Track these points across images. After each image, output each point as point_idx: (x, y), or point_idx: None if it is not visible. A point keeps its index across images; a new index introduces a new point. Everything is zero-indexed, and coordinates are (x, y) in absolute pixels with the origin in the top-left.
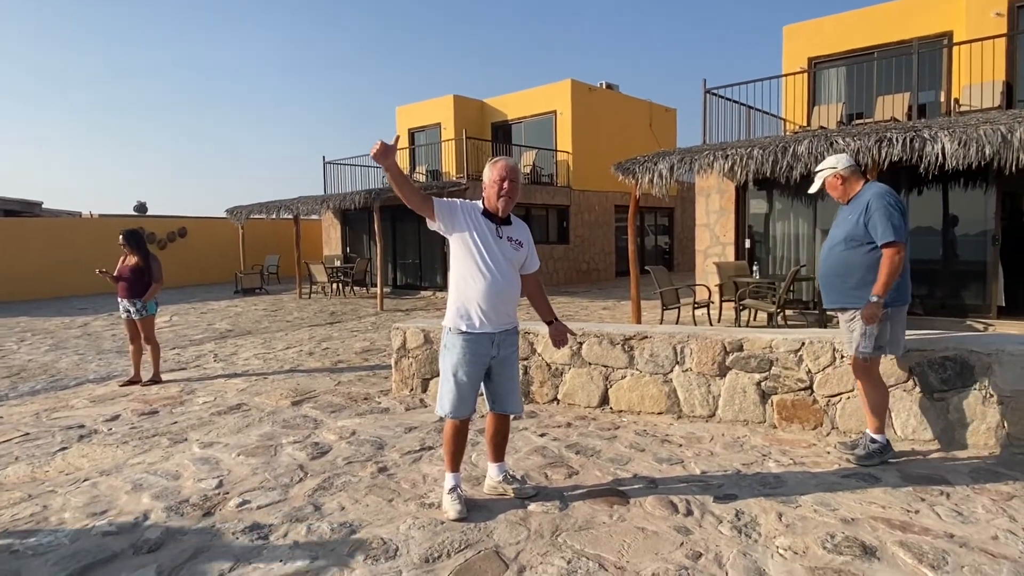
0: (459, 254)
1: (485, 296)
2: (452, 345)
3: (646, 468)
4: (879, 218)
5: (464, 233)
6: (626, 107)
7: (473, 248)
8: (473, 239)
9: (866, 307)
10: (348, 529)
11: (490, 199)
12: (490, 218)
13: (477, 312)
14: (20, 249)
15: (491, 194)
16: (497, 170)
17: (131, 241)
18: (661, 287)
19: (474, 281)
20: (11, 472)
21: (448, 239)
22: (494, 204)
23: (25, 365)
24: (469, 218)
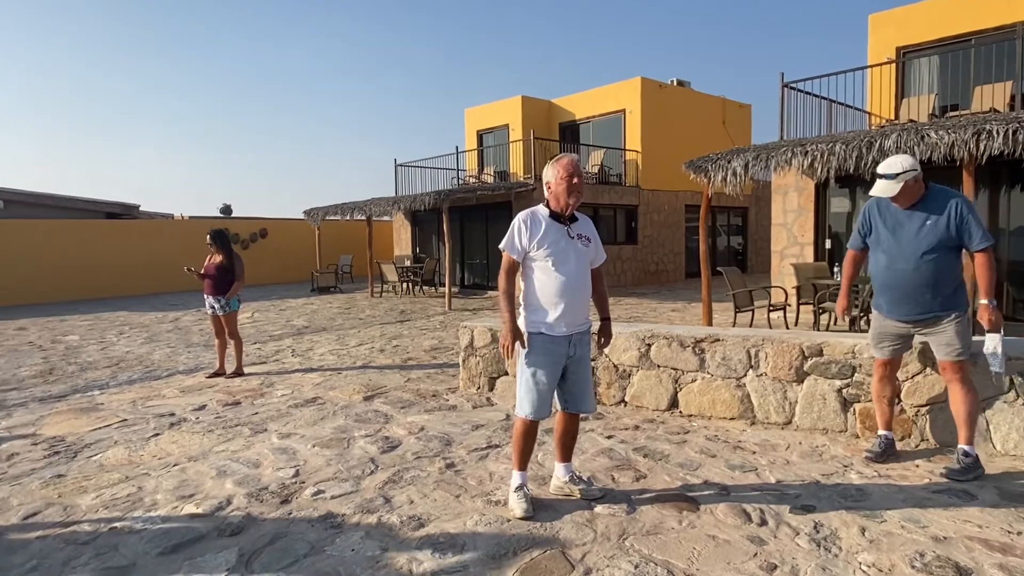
0: (534, 259)
1: (562, 298)
2: (533, 347)
3: (717, 475)
4: (973, 223)
5: (538, 251)
6: (698, 104)
7: (547, 254)
8: (545, 248)
9: (989, 313)
10: (417, 522)
11: (557, 197)
12: (558, 218)
13: (555, 314)
14: (120, 249)
15: (558, 192)
16: (563, 167)
17: (217, 241)
18: (734, 289)
19: (551, 283)
20: (111, 455)
21: None
22: (563, 202)
23: (124, 356)
24: (535, 232)
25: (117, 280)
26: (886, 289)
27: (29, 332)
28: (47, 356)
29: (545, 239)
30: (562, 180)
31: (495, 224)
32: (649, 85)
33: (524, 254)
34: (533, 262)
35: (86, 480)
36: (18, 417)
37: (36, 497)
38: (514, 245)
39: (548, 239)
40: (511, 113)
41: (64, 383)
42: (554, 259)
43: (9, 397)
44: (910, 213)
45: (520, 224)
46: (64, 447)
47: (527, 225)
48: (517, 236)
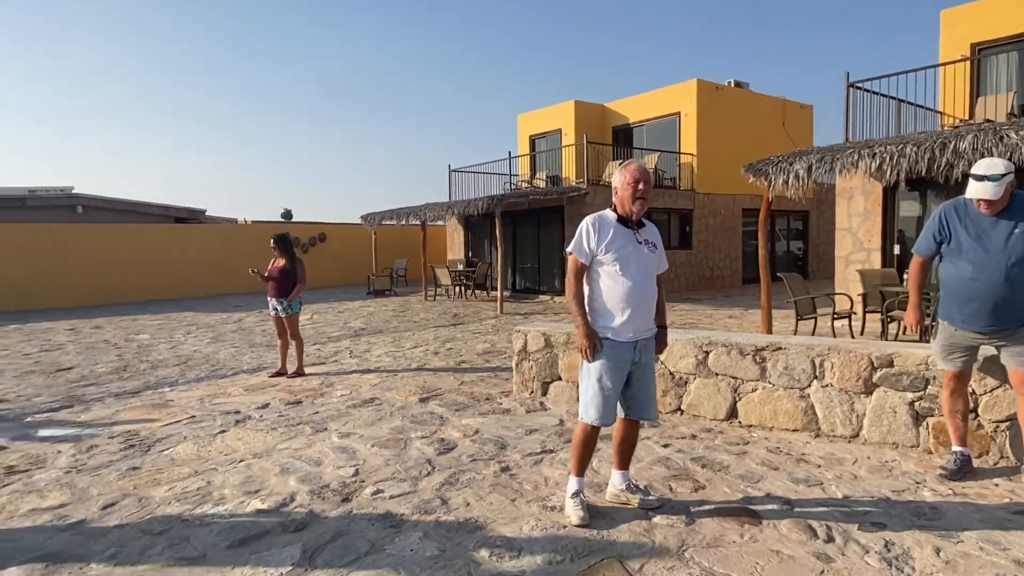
0: (601, 263)
1: (628, 303)
2: (598, 353)
3: (780, 488)
4: None
5: (605, 255)
6: (756, 105)
7: (614, 259)
8: (613, 252)
9: None
10: (473, 524)
11: (623, 203)
12: (625, 224)
13: (621, 319)
14: (187, 252)
15: (625, 197)
16: (630, 173)
17: (280, 245)
18: (795, 296)
19: (617, 288)
20: (181, 450)
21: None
22: (628, 208)
23: (191, 355)
24: (603, 236)
25: (184, 282)
26: (967, 300)
27: (104, 330)
28: (121, 354)
29: (613, 243)
30: (628, 186)
31: (547, 228)
32: (705, 87)
33: (592, 257)
34: (600, 266)
35: (159, 473)
36: (96, 411)
37: (114, 488)
38: (582, 248)
39: (616, 243)
40: (564, 118)
41: (137, 380)
42: (621, 264)
43: (88, 392)
44: (995, 220)
45: (588, 227)
46: (138, 441)
47: (595, 228)
48: (586, 239)
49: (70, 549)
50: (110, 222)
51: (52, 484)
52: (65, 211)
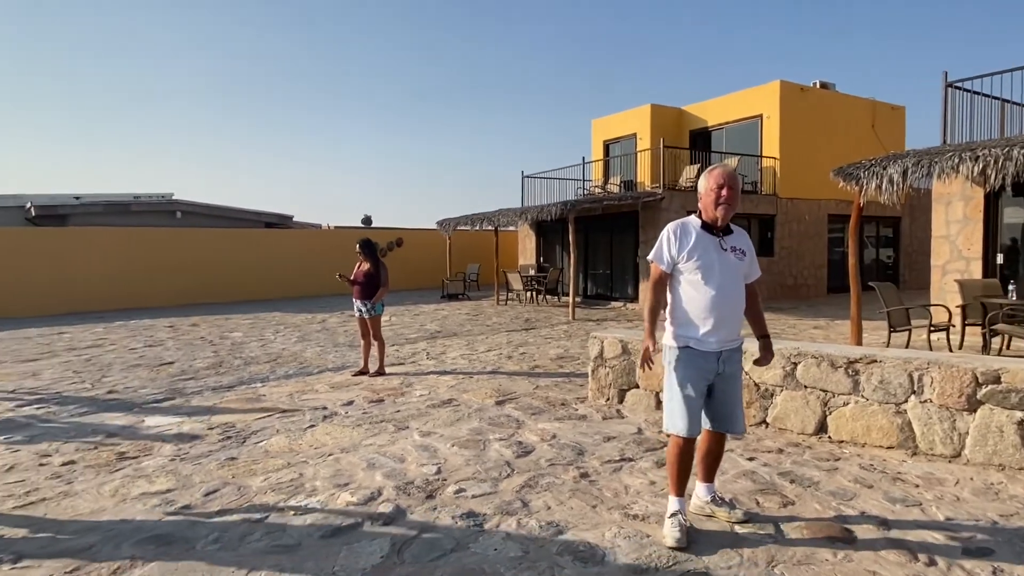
0: (683, 271)
1: (712, 312)
2: (679, 361)
3: (875, 507)
4: None
5: (687, 263)
6: (844, 107)
7: (696, 266)
8: (695, 260)
9: None
10: (555, 528)
11: (707, 209)
12: (710, 230)
13: (705, 328)
14: (276, 256)
15: (708, 203)
16: (714, 178)
17: (365, 250)
18: (888, 306)
19: (700, 297)
20: (274, 442)
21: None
22: (712, 214)
23: (280, 353)
24: (684, 243)
25: (272, 283)
26: None
27: (201, 328)
28: (217, 350)
29: (695, 250)
30: (711, 191)
31: (620, 234)
32: (789, 88)
33: (673, 265)
34: (681, 274)
35: (255, 464)
36: (195, 404)
37: (214, 476)
38: (663, 256)
39: (698, 250)
40: (639, 122)
41: (231, 375)
42: (703, 271)
43: (188, 385)
44: None
45: (669, 234)
46: (234, 432)
47: (676, 236)
48: (667, 247)
49: (178, 531)
50: (206, 226)
51: (159, 471)
52: (165, 216)
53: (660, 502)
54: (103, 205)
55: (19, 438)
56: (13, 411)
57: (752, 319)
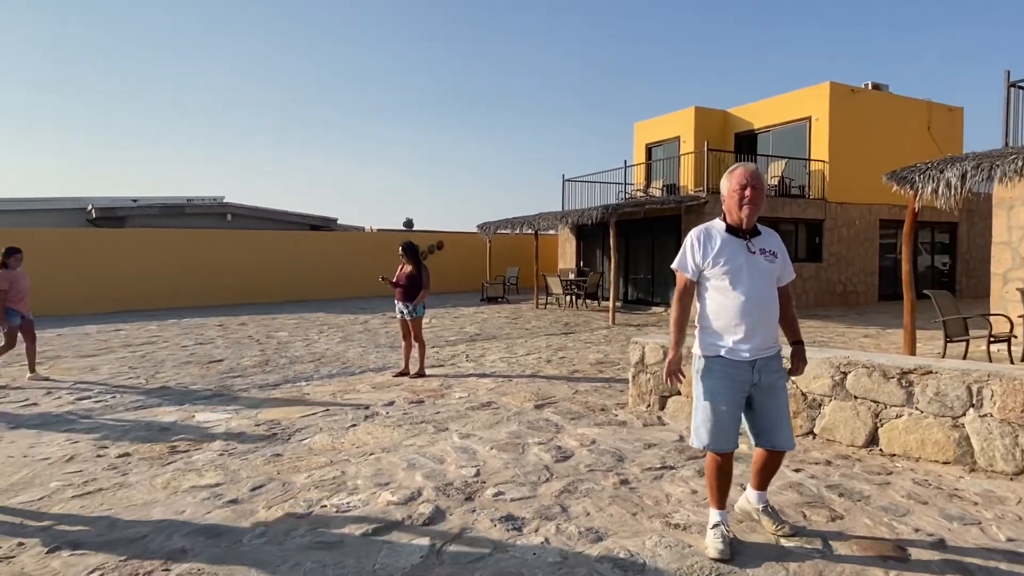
0: (709, 278)
1: (743, 319)
2: (707, 372)
3: (930, 524)
4: None
5: (713, 269)
6: (897, 108)
7: (723, 272)
8: (721, 265)
9: None
10: (594, 535)
11: (731, 211)
12: (736, 233)
13: (735, 336)
14: (320, 257)
15: (731, 205)
16: (736, 178)
17: (408, 252)
18: (945, 315)
19: (729, 303)
20: (317, 440)
21: None
22: (737, 216)
23: (324, 353)
24: (709, 248)
25: (317, 284)
26: None
27: (248, 327)
28: (263, 349)
29: (721, 255)
30: (734, 192)
31: (661, 239)
32: (839, 90)
33: (699, 273)
34: (708, 281)
35: (299, 461)
36: (243, 401)
37: (260, 472)
38: (687, 264)
39: (724, 255)
40: (683, 125)
41: (277, 373)
42: (731, 277)
43: (235, 383)
44: None
45: (693, 241)
46: (280, 430)
47: (700, 241)
48: (690, 254)
49: (225, 524)
50: (254, 229)
51: (208, 465)
52: (217, 218)
53: (702, 512)
54: (159, 207)
55: (78, 430)
56: (73, 404)
57: (785, 324)
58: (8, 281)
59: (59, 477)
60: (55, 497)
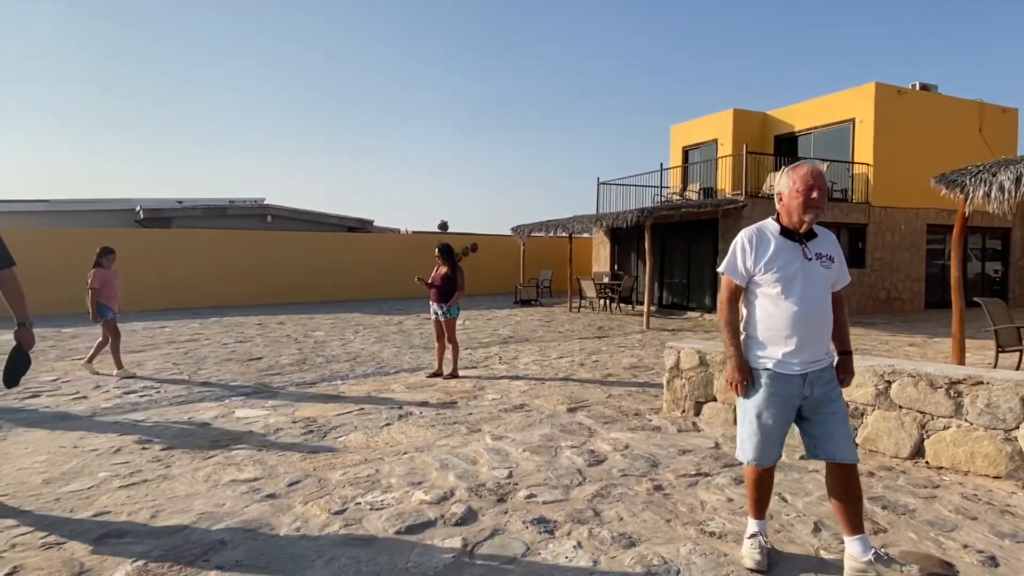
0: (760, 284)
1: (795, 330)
2: (757, 385)
3: (980, 540)
4: None
5: (765, 275)
6: (946, 109)
7: (776, 278)
8: (774, 271)
9: None
10: (627, 540)
11: (790, 212)
12: (791, 236)
13: (786, 348)
14: (356, 258)
15: (793, 206)
16: (802, 177)
17: (444, 254)
18: (996, 324)
19: (780, 313)
20: (352, 438)
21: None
22: (797, 218)
23: (359, 352)
24: (762, 252)
25: (353, 285)
26: None
27: (286, 326)
28: (301, 348)
29: (774, 260)
30: (798, 193)
31: (698, 242)
32: (885, 91)
33: (748, 278)
34: (758, 287)
35: (334, 458)
36: (281, 398)
37: (296, 468)
38: (736, 268)
39: (778, 260)
40: (721, 127)
41: (314, 372)
42: (784, 284)
43: (274, 380)
44: None
45: (744, 243)
46: (316, 427)
47: (752, 244)
48: (740, 257)
49: (263, 518)
50: (293, 230)
51: (247, 459)
52: (257, 219)
53: (738, 520)
54: (203, 209)
55: (125, 423)
56: (120, 397)
57: (836, 332)
58: (101, 280)
59: (107, 468)
60: (103, 487)
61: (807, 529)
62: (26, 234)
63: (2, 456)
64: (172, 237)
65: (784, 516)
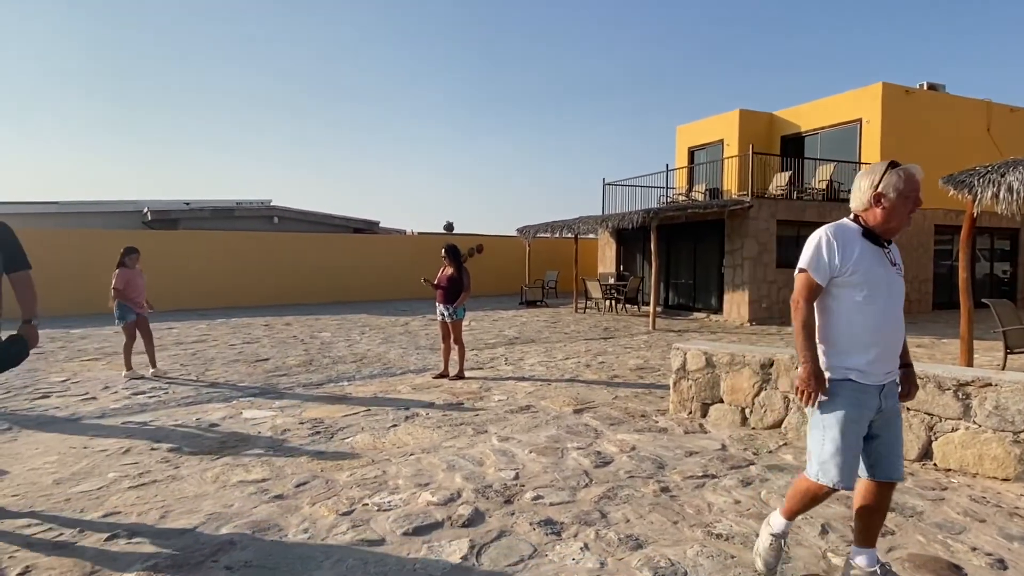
0: (842, 287)
1: (877, 339)
2: (835, 397)
3: (988, 543)
4: None
5: (850, 277)
6: (954, 110)
7: (862, 282)
8: (860, 275)
9: None
10: (635, 542)
11: (891, 216)
12: (875, 240)
13: (868, 358)
14: (362, 259)
15: (898, 210)
16: (913, 184)
17: (451, 255)
18: (1005, 325)
19: (863, 320)
20: (359, 440)
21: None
22: (896, 224)
23: (365, 353)
24: (848, 253)
25: (359, 286)
26: None
27: (293, 327)
28: (307, 349)
29: (860, 263)
30: (906, 199)
31: (703, 243)
32: (892, 91)
33: (830, 278)
34: (840, 290)
35: (341, 459)
36: (288, 399)
37: (304, 469)
38: (821, 265)
39: (863, 263)
40: (727, 128)
41: (320, 373)
42: (870, 289)
43: (281, 381)
44: None
45: (830, 239)
46: (323, 428)
47: (838, 242)
48: (826, 254)
49: (271, 519)
50: (300, 231)
51: (255, 460)
52: (264, 221)
53: (745, 523)
54: (210, 210)
55: (134, 423)
56: (129, 398)
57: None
58: (124, 280)
59: (116, 468)
60: (113, 488)
61: (814, 531)
62: (36, 235)
63: (13, 457)
64: (179, 239)
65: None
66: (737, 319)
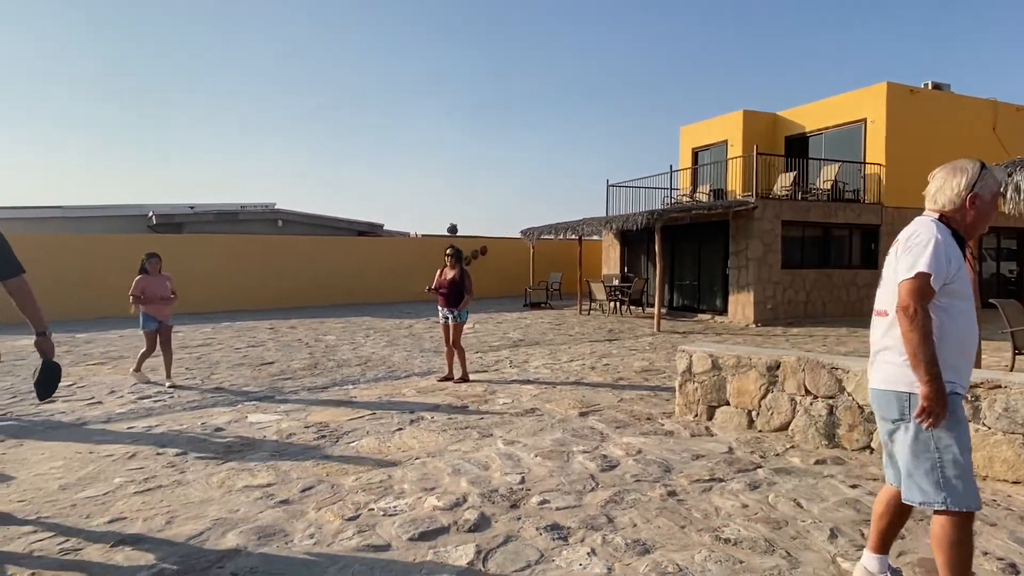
0: (950, 293)
1: (973, 347)
2: (951, 414)
3: (999, 547)
4: None
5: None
6: (959, 109)
7: (963, 287)
8: (961, 281)
9: None
10: (642, 547)
11: (982, 219)
12: (961, 243)
13: (967, 368)
14: (366, 262)
15: (988, 214)
16: (997, 186)
17: (455, 256)
18: (1013, 326)
19: (967, 327)
20: (364, 443)
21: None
22: (982, 227)
23: (370, 356)
24: (955, 256)
25: (363, 289)
26: None
27: (298, 331)
28: (312, 352)
29: (961, 268)
30: (992, 201)
31: (708, 244)
32: (897, 90)
33: (943, 285)
34: (947, 298)
35: (347, 463)
36: (293, 403)
37: (310, 473)
38: (941, 268)
39: (962, 269)
40: (731, 129)
41: (325, 376)
42: (967, 296)
43: (286, 385)
44: None
45: (944, 240)
46: (328, 432)
47: (947, 245)
48: (946, 257)
49: (277, 524)
50: (304, 234)
51: (260, 465)
52: (268, 224)
53: (753, 527)
54: (214, 214)
55: (139, 428)
56: (135, 403)
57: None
58: (141, 287)
59: (122, 474)
60: (118, 493)
61: (823, 536)
62: (40, 240)
63: (19, 462)
64: (184, 242)
65: (800, 522)
66: (742, 320)
